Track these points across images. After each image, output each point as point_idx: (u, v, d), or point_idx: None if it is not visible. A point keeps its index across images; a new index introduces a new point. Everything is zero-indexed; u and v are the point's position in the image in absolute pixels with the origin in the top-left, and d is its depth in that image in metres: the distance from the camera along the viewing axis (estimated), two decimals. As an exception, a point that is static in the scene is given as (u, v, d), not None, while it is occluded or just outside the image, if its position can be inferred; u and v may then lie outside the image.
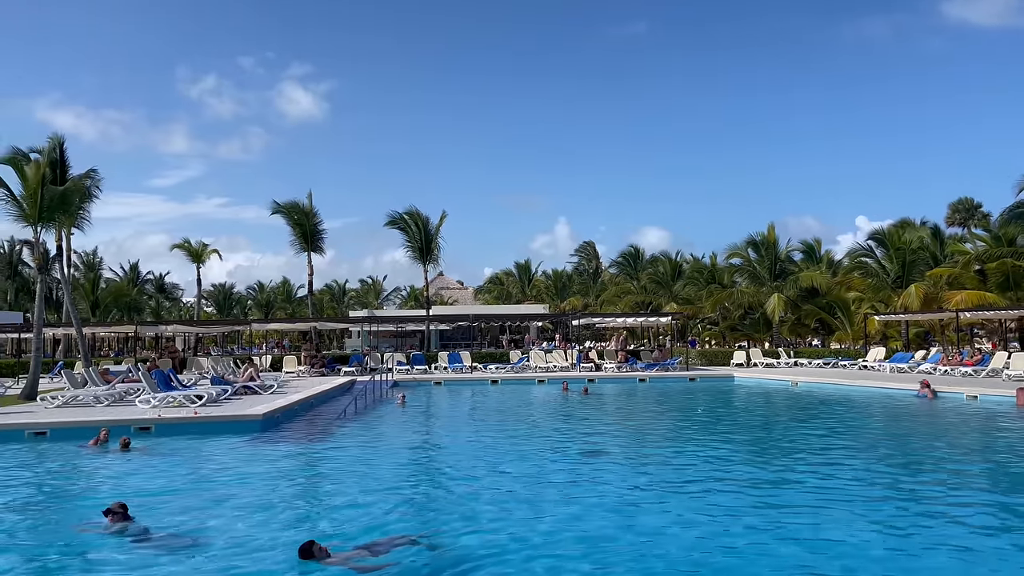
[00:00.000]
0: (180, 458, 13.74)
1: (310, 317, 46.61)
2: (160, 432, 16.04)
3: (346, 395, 25.41)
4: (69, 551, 8.26)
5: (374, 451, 14.68)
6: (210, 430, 16.33)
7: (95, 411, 18.60)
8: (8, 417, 17.62)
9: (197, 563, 7.72)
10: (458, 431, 17.66)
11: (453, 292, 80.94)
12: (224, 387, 21.51)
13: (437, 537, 8.43)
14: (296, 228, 44.01)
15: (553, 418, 20.03)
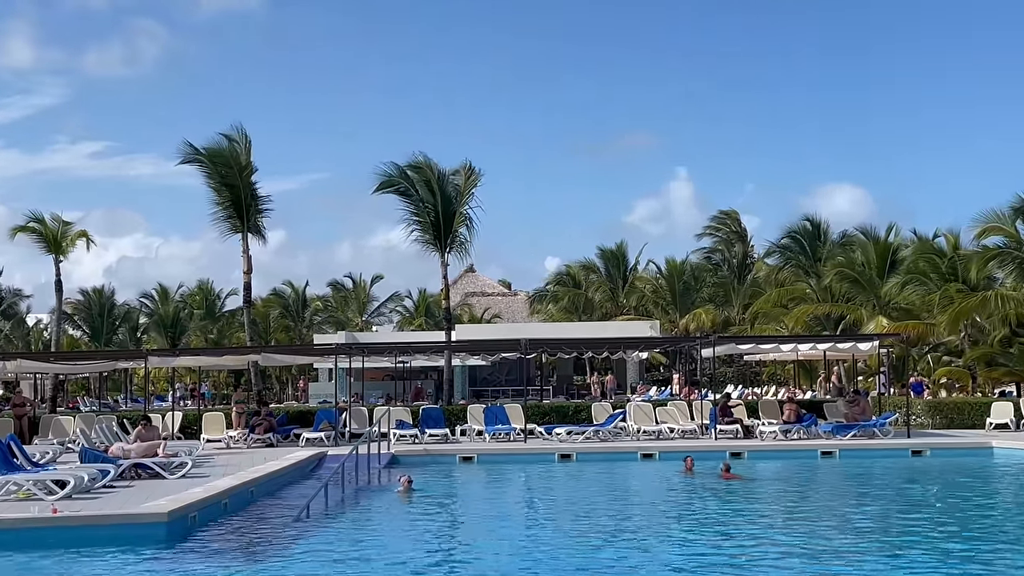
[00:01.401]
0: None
1: (247, 346, 47.18)
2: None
3: (309, 480, 25.59)
4: None
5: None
6: (81, 539, 16.53)
7: None
8: None
9: None
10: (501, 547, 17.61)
11: (492, 300, 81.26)
12: (104, 466, 21.83)
13: None
14: (222, 191, 44.57)
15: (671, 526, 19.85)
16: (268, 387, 62.47)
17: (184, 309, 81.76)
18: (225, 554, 16.43)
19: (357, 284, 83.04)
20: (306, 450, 30.68)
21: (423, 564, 16.11)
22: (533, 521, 20.81)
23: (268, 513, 20.83)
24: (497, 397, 50.28)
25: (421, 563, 16.16)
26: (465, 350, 46.01)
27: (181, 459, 24.28)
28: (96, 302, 77.68)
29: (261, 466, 25.33)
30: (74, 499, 18.96)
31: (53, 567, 15.30)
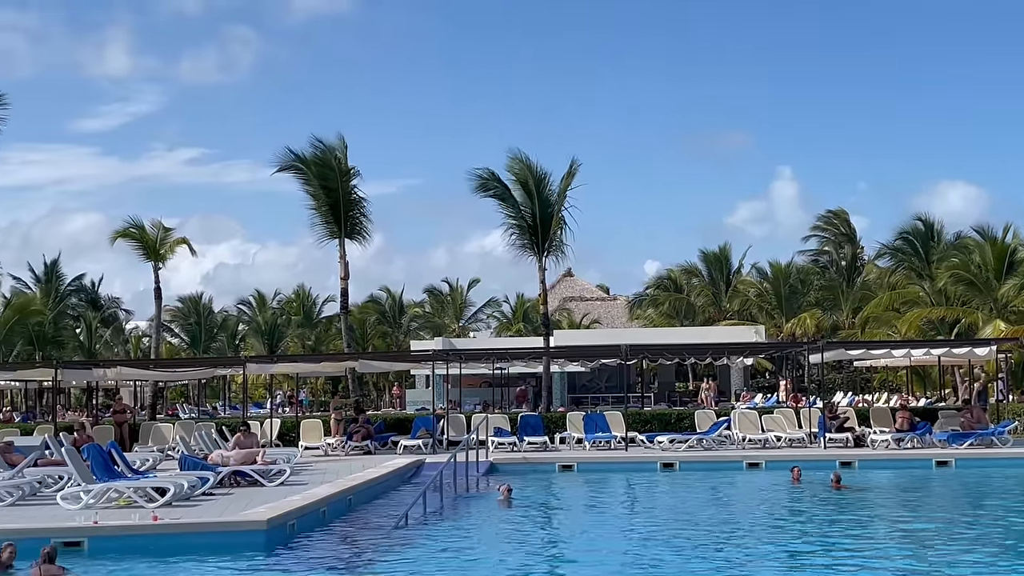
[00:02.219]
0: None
1: (345, 352, 47.57)
2: (97, 550, 16.61)
3: (409, 487, 25.73)
4: None
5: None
6: (181, 546, 16.80)
7: (-8, 513, 19.52)
8: None
9: None
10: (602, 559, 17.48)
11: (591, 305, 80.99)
12: (203, 474, 22.15)
13: None
14: (320, 196, 44.93)
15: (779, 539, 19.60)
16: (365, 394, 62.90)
17: (281, 316, 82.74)
18: (323, 563, 16.55)
19: (454, 289, 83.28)
20: (404, 457, 30.86)
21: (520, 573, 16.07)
22: (635, 532, 20.64)
23: (367, 521, 20.97)
24: (597, 404, 50.01)
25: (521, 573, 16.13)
26: (564, 356, 45.85)
27: (279, 466, 24.52)
28: (194, 309, 79.05)
29: (359, 474, 25.52)
30: (174, 506, 19.25)
31: (153, 574, 15.52)
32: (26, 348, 62.28)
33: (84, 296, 76.00)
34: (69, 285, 74.20)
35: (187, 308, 79.25)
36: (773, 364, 64.34)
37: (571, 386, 57.04)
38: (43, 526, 17.48)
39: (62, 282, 73.02)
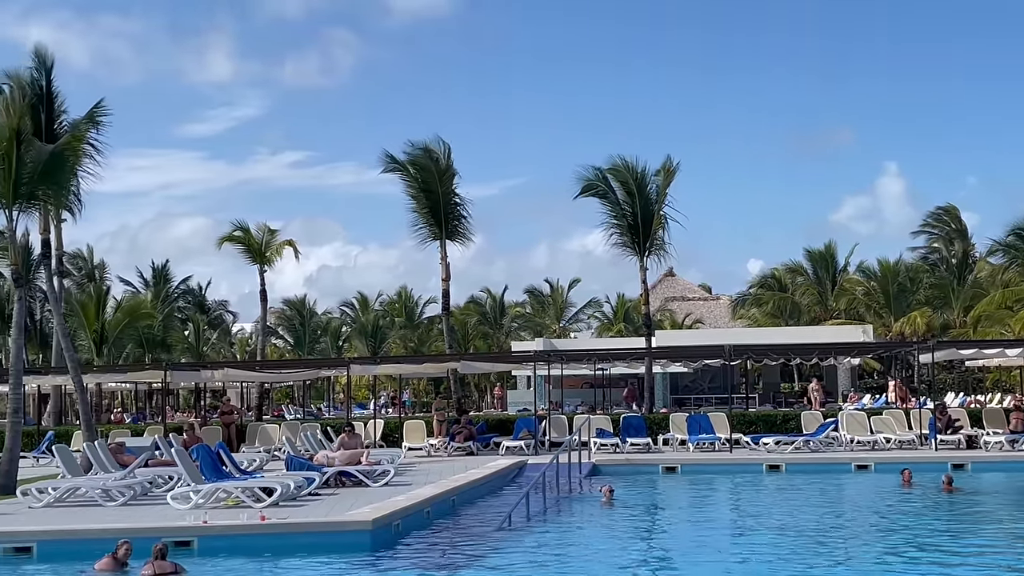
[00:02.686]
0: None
1: (447, 354, 47.83)
2: (207, 549, 16.98)
3: (511, 488, 25.84)
4: None
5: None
6: (287, 546, 17.12)
7: (104, 513, 20.01)
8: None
9: None
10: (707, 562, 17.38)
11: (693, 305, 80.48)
12: (309, 474, 22.49)
13: None
14: (421, 199, 45.21)
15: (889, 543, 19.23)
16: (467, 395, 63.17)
17: (384, 317, 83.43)
18: (428, 563, 16.72)
19: (555, 289, 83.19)
20: (506, 458, 30.96)
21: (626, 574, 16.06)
22: (741, 535, 20.51)
23: (470, 522, 21.11)
24: (700, 405, 49.70)
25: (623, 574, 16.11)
26: (666, 357, 45.62)
27: (384, 467, 24.78)
28: (298, 311, 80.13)
29: (462, 474, 25.67)
30: (281, 506, 19.60)
31: (261, 574, 15.78)
32: (136, 350, 63.69)
33: (192, 299, 77.53)
34: (177, 288, 75.77)
35: (291, 310, 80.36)
36: (881, 364, 63.36)
37: (673, 387, 56.76)
38: (154, 525, 17.89)
39: (170, 285, 74.59)
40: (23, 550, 17.39)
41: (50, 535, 17.90)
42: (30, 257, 29.62)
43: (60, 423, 46.78)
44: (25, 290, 28.48)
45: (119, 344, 60.51)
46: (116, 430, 39.34)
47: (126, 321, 58.50)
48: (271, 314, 68.88)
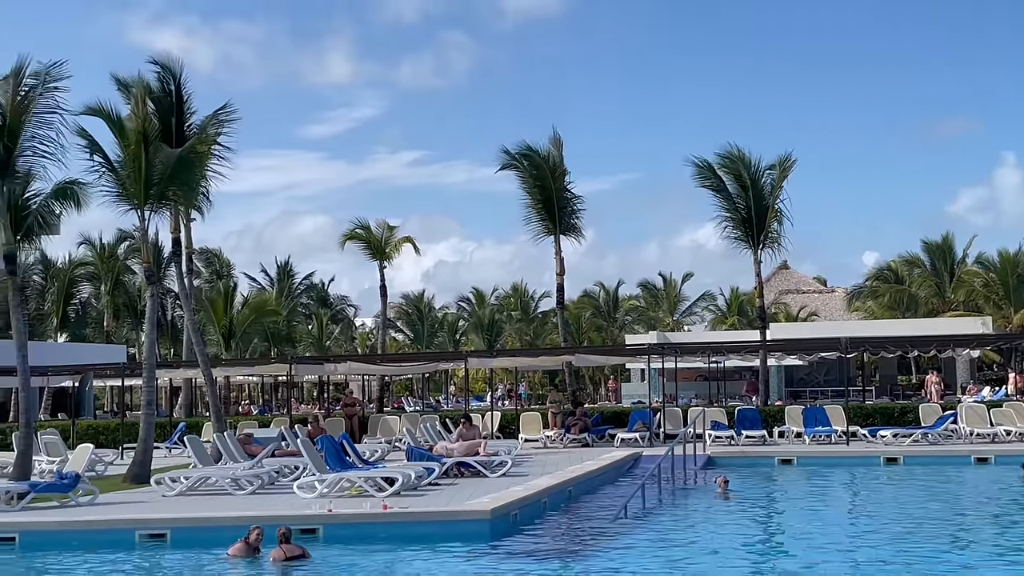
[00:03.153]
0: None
1: (561, 347, 47.88)
2: (331, 537, 17.26)
3: (626, 479, 25.78)
4: None
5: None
6: (408, 535, 17.31)
7: (234, 502, 20.48)
8: (111, 510, 19.97)
9: None
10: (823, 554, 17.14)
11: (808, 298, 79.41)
12: (429, 465, 22.73)
13: None
14: (535, 195, 45.24)
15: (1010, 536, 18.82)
16: (582, 387, 63.17)
17: (500, 311, 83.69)
18: (545, 552, 16.77)
19: (668, 283, 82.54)
20: (621, 450, 30.89)
21: (742, 567, 15.92)
22: (858, 528, 20.19)
23: (586, 512, 21.13)
24: (816, 398, 49.03)
25: (740, 566, 15.98)
26: (781, 349, 45.10)
27: (501, 458, 24.91)
28: (416, 306, 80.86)
29: (578, 466, 25.67)
30: (402, 496, 19.86)
31: (383, 561, 15.99)
32: (263, 344, 64.88)
33: (314, 295, 78.59)
34: (300, 284, 76.90)
35: (410, 305, 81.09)
36: (1001, 356, 61.71)
37: (789, 380, 56.09)
38: (282, 513, 18.24)
39: (294, 281, 75.73)
40: (158, 536, 17.88)
41: (183, 522, 18.37)
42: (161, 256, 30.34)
43: (191, 415, 47.94)
44: (157, 287, 29.29)
45: (246, 339, 61.68)
46: (244, 421, 40.25)
47: (253, 317, 59.65)
48: (390, 309, 69.74)
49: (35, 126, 25.18)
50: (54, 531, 18.32)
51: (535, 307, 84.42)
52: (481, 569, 15.36)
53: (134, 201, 26.51)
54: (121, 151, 26.57)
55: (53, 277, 61.06)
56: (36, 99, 25.10)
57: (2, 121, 24.65)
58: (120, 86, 27.51)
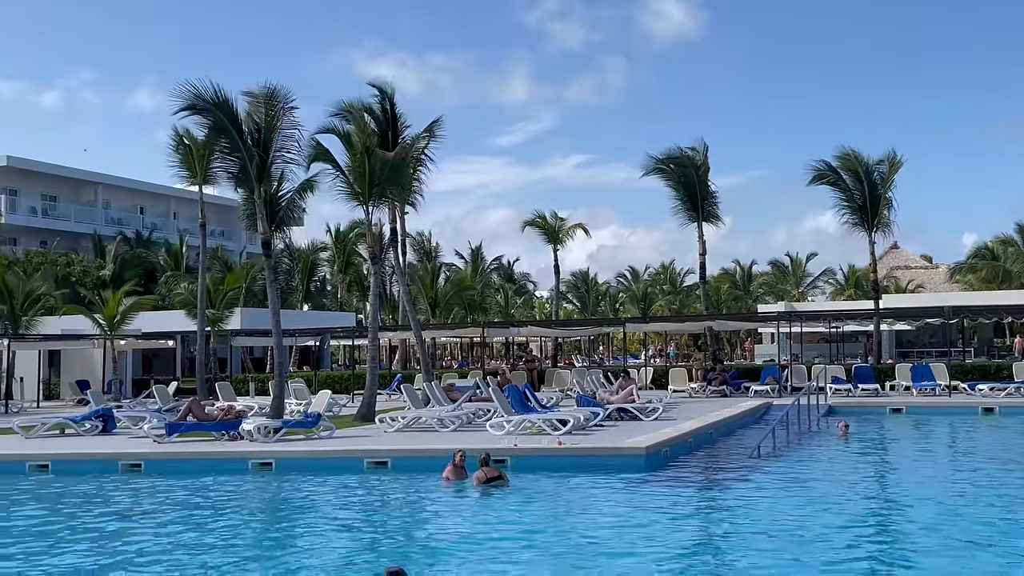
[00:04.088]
0: (542, 503, 14.81)
1: (703, 314, 47.31)
2: (517, 466, 17.37)
3: (758, 424, 25.32)
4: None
5: (803, 507, 14.35)
6: (578, 466, 17.39)
7: (440, 437, 20.88)
8: (345, 443, 20.58)
9: None
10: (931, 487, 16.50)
11: (915, 273, 76.44)
12: (594, 409, 22.74)
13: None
14: (680, 190, 44.68)
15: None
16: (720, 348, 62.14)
17: (652, 286, 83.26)
18: (691, 482, 16.63)
19: (794, 261, 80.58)
20: (754, 400, 30.34)
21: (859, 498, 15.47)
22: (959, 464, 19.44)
23: (725, 450, 20.84)
24: (922, 357, 47.21)
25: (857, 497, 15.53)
26: (892, 316, 43.58)
27: (654, 405, 24.75)
28: (583, 281, 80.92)
29: (718, 412, 25.35)
30: (573, 435, 19.93)
31: (559, 487, 16.06)
32: (461, 312, 65.80)
33: (501, 272, 79.29)
34: (490, 264, 77.68)
35: (578, 281, 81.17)
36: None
37: (898, 342, 54.24)
38: (479, 446, 18.48)
39: (484, 262, 76.55)
40: (380, 463, 18.38)
41: (400, 453, 18.83)
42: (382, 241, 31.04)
43: (405, 368, 49.00)
44: (379, 267, 30.00)
45: (448, 307, 62.71)
46: (447, 373, 40.98)
47: (453, 291, 60.59)
48: (562, 284, 70.01)
49: (281, 139, 26.04)
50: (301, 458, 18.99)
51: (681, 281, 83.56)
52: (638, 495, 15.29)
53: (360, 198, 27.15)
54: (349, 159, 27.24)
55: (298, 259, 63.00)
56: (281, 119, 25.95)
57: (259, 136, 25.53)
58: (348, 109, 28.16)
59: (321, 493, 16.74)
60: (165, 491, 17.05)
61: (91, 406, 28.22)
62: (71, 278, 51.87)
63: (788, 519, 13.26)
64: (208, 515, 14.92)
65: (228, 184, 27.56)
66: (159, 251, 60.65)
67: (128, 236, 63.00)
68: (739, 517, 13.71)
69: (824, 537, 12.16)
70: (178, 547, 12.64)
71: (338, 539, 13.10)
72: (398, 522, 14.23)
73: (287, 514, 15.34)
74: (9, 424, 25.68)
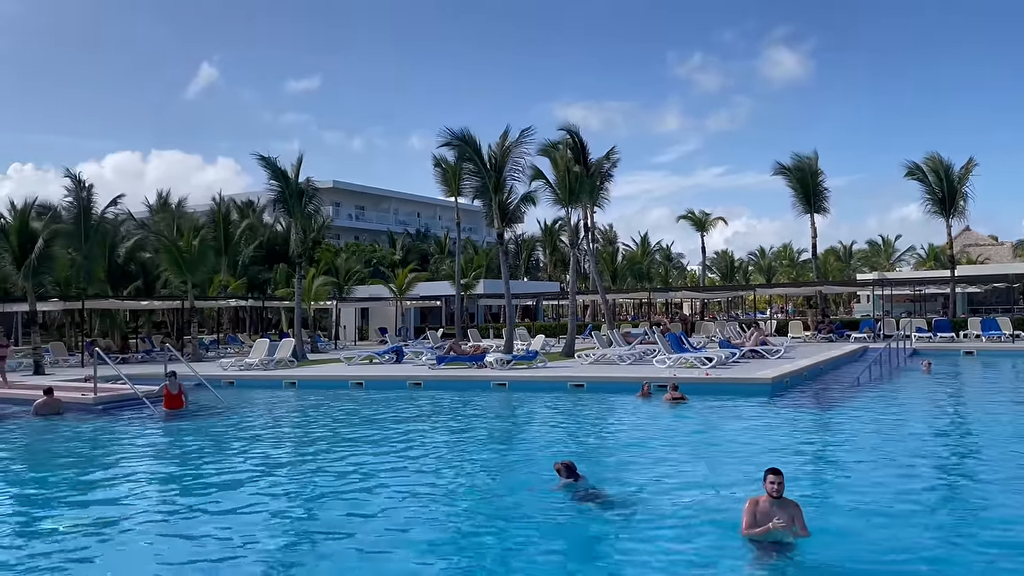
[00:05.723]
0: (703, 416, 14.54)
1: (814, 281, 44.81)
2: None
3: (858, 362, 23.81)
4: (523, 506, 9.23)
5: (894, 423, 13.42)
6: (720, 391, 16.92)
7: (621, 368, 20.83)
8: (554, 371, 20.89)
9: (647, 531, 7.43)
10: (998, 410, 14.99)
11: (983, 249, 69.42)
12: (732, 351, 22.04)
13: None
14: (799, 189, 42.41)
15: None
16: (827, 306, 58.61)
17: (775, 261, 79.85)
18: (807, 404, 15.84)
19: (885, 241, 75.12)
20: (854, 344, 28.56)
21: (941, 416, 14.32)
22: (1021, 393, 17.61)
23: (833, 381, 19.72)
24: (989, 313, 42.89)
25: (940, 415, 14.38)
26: (965, 281, 39.79)
27: (776, 347, 23.76)
28: (723, 258, 78.34)
29: (826, 353, 24.01)
30: (717, 368, 19.42)
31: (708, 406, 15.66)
32: (632, 281, 65.08)
33: (661, 253, 77.84)
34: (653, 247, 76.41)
35: (719, 257, 78.73)
36: None
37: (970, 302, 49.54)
38: (649, 375, 18.24)
39: (649, 245, 75.36)
40: (578, 386, 18.50)
41: (593, 379, 18.88)
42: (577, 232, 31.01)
43: (593, 319, 49.00)
44: (576, 251, 30.02)
45: (623, 277, 62.22)
46: (623, 324, 40.65)
47: (627, 266, 60.10)
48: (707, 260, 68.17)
49: (511, 163, 26.45)
50: (525, 381, 19.40)
51: (797, 257, 79.53)
52: (765, 413, 14.73)
53: (562, 202, 27.26)
54: (555, 175, 27.36)
55: (521, 246, 63.91)
56: (512, 149, 26.35)
57: (496, 162, 26.05)
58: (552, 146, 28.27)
59: (538, 403, 17.03)
60: (437, 399, 17.84)
61: (388, 344, 29.78)
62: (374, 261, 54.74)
63: (883, 429, 12.48)
64: (465, 414, 15.52)
65: (472, 195, 28.26)
66: (430, 242, 63.07)
67: (410, 232, 65.77)
68: (845, 428, 12.98)
69: (912, 439, 11.41)
70: (446, 432, 13.26)
71: (549, 432, 13.33)
72: (590, 425, 14.30)
73: (516, 415, 15.74)
74: (338, 356, 27.55)
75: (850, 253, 76.35)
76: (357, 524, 7.97)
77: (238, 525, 8.01)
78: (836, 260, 76.00)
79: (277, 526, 8.05)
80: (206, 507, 8.78)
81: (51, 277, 32.59)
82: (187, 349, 29.39)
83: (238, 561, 6.98)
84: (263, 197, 39.90)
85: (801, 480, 9.17)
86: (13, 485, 10.49)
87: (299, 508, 8.81)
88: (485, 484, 9.74)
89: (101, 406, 16.70)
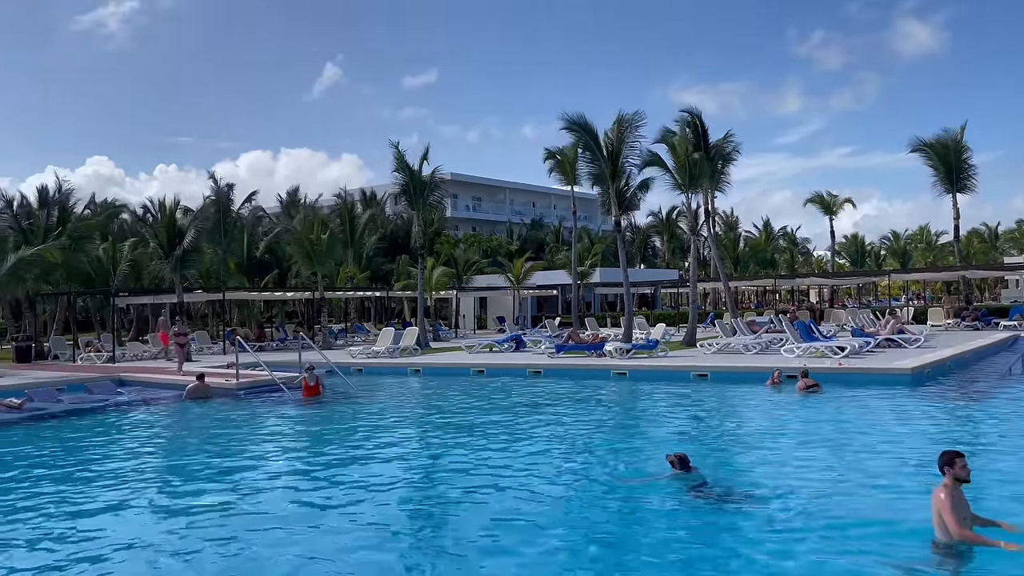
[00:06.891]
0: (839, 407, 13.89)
1: (956, 265, 41.70)
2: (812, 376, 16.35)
3: (1007, 352, 22.03)
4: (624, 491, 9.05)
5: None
6: (855, 381, 16.08)
7: (746, 358, 20.16)
8: (676, 360, 20.49)
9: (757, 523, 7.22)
10: None
11: None
12: (866, 339, 20.90)
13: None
14: (940, 167, 39.39)
15: None
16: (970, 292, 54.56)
17: (909, 244, 75.08)
18: (951, 397, 14.81)
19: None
20: (1003, 333, 26.46)
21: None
22: None
23: (979, 372, 18.34)
24: None
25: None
26: None
27: (916, 336, 22.30)
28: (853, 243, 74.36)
29: (972, 342, 22.37)
30: (850, 358, 18.51)
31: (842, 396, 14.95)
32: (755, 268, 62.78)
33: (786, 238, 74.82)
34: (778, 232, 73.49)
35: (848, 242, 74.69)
36: None
37: None
38: (776, 365, 17.60)
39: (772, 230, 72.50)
40: (702, 376, 18.09)
41: (717, 368, 18.42)
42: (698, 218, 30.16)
43: (715, 308, 47.66)
44: (696, 237, 29.27)
45: (745, 264, 60.32)
46: (747, 313, 39.33)
47: (750, 252, 58.16)
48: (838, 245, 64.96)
49: (627, 149, 26.08)
50: (645, 370, 19.15)
51: (936, 240, 74.28)
52: (906, 404, 13.89)
53: (682, 187, 26.66)
54: (674, 160, 26.78)
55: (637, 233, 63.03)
56: (627, 135, 25.97)
57: (612, 148, 25.77)
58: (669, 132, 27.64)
59: (660, 394, 16.77)
60: (556, 387, 17.91)
61: (507, 333, 30.14)
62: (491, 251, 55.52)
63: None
64: (584, 402, 15.50)
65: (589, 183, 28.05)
66: (546, 231, 63.24)
67: (526, 222, 66.21)
68: (995, 423, 12.04)
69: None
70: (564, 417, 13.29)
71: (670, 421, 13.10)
72: (716, 417, 13.95)
73: (636, 405, 15.58)
74: (459, 344, 28.14)
75: (996, 235, 70.69)
76: (480, 501, 8.16)
77: (387, 499, 8.37)
78: (980, 243, 70.56)
79: (424, 503, 8.36)
80: (361, 481, 9.23)
81: (195, 270, 35.12)
82: (318, 338, 30.82)
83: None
84: (386, 190, 41.27)
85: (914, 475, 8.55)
86: (190, 461, 11.38)
87: (440, 488, 9.09)
88: (605, 473, 9.68)
89: (243, 391, 17.80)
